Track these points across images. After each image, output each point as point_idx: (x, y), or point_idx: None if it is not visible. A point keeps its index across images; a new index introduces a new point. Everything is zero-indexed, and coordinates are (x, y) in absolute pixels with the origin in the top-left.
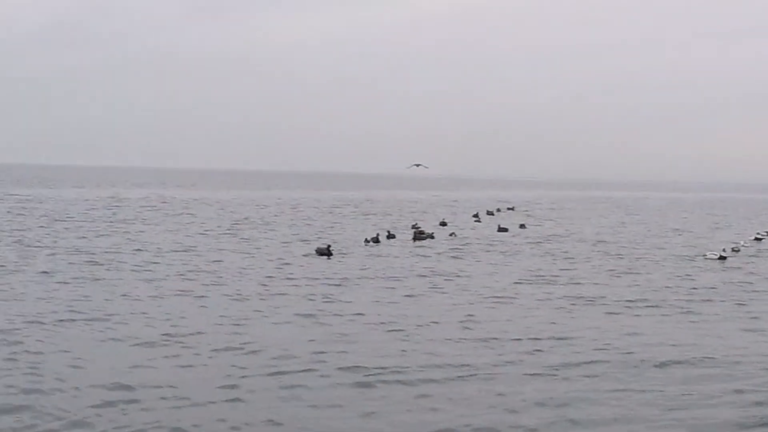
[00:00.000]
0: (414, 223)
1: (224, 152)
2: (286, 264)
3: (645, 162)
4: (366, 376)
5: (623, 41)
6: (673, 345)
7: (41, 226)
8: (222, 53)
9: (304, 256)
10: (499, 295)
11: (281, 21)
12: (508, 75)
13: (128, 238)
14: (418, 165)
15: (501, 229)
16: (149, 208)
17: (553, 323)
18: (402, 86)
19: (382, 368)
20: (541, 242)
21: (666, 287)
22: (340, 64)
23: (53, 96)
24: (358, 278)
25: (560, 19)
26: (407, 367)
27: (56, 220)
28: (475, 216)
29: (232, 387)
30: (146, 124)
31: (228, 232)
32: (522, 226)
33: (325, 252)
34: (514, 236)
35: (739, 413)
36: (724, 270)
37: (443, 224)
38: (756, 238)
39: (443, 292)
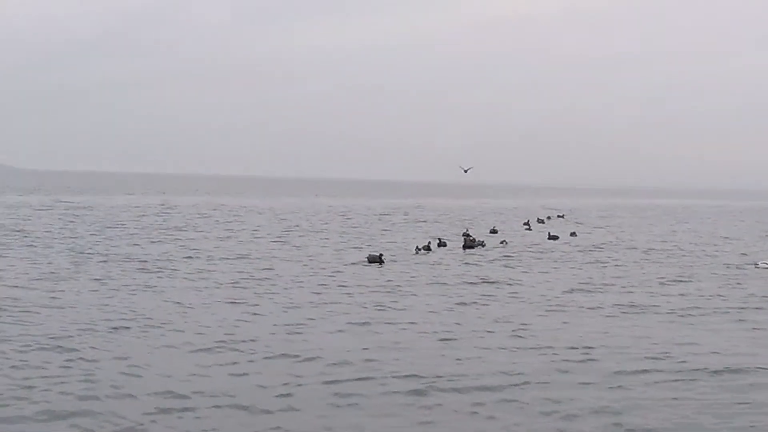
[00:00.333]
0: (464, 231)
1: (264, 159)
2: (338, 272)
3: (687, 168)
4: (421, 384)
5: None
6: (727, 353)
7: (92, 233)
8: (263, 60)
9: (354, 263)
10: (551, 304)
11: (326, 27)
12: (536, 83)
13: (180, 245)
14: (467, 169)
15: (551, 237)
16: (199, 216)
17: (606, 332)
18: (437, 95)
19: (436, 376)
20: (591, 250)
21: (718, 295)
22: (377, 71)
23: (100, 104)
24: (410, 286)
25: (591, 30)
26: (462, 375)
27: (107, 227)
28: (526, 224)
29: (288, 395)
30: (189, 131)
31: (279, 239)
32: (573, 234)
33: (377, 260)
34: (564, 244)
35: None
36: None
37: (494, 232)
38: None
39: (495, 300)
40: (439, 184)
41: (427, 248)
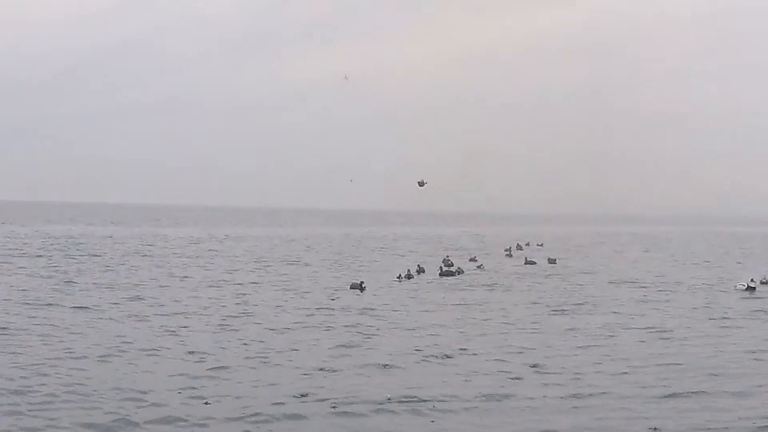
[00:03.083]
0: (444, 258)
1: (238, 189)
2: (321, 299)
3: (665, 195)
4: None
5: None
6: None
7: (73, 263)
8: (250, 91)
9: (336, 290)
10: (529, 325)
11: (310, 57)
12: (509, 112)
13: (166, 273)
14: (421, 184)
15: (528, 262)
16: (187, 246)
17: (613, 350)
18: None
19: (432, 396)
20: (569, 275)
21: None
22: (367, 100)
23: (72, 137)
24: (392, 310)
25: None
26: (452, 396)
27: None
28: (507, 250)
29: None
30: (165, 163)
31: (260, 268)
32: (551, 260)
33: (358, 287)
34: (541, 270)
35: None
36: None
37: (473, 260)
38: None
39: (474, 323)
40: (419, 212)
41: (409, 276)
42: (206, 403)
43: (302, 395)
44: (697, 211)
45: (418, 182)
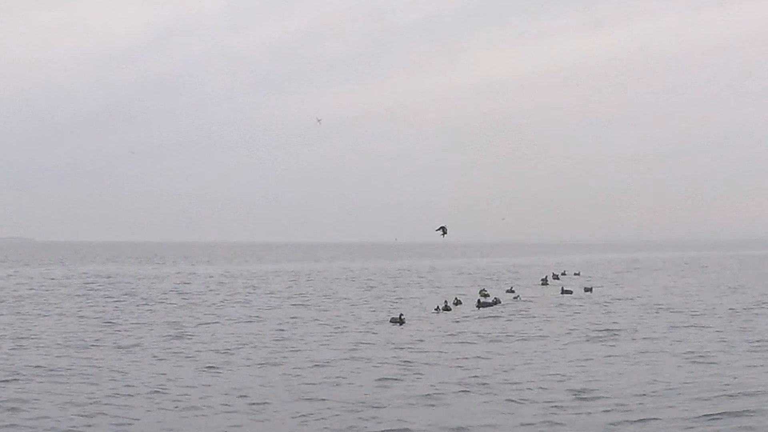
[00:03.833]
0: (481, 289)
1: (266, 225)
2: (361, 333)
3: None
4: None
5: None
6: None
7: (113, 301)
8: (280, 126)
9: (376, 323)
10: (568, 353)
11: (340, 93)
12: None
13: (205, 312)
14: (443, 230)
15: (565, 291)
16: (220, 283)
17: (655, 375)
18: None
19: (476, 427)
20: (605, 303)
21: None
22: (375, 137)
23: (109, 174)
24: (431, 342)
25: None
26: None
27: (125, 295)
28: (543, 280)
29: None
30: (199, 199)
31: (299, 304)
32: (587, 289)
33: (397, 320)
34: (578, 298)
35: None
36: None
37: (509, 291)
38: None
39: (513, 353)
40: (454, 243)
41: (446, 308)
42: None
43: (347, 429)
44: (731, 235)
45: (441, 228)
